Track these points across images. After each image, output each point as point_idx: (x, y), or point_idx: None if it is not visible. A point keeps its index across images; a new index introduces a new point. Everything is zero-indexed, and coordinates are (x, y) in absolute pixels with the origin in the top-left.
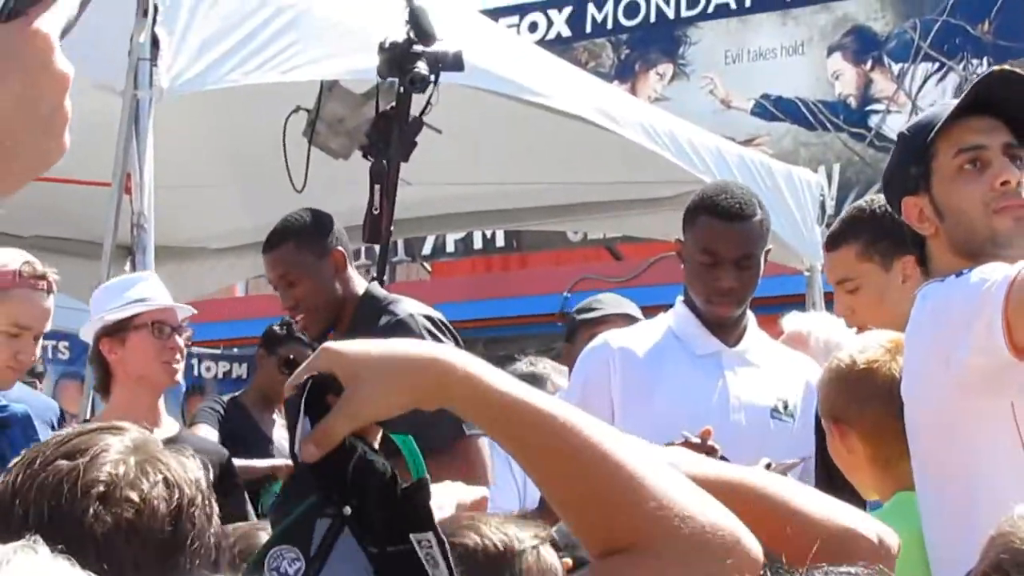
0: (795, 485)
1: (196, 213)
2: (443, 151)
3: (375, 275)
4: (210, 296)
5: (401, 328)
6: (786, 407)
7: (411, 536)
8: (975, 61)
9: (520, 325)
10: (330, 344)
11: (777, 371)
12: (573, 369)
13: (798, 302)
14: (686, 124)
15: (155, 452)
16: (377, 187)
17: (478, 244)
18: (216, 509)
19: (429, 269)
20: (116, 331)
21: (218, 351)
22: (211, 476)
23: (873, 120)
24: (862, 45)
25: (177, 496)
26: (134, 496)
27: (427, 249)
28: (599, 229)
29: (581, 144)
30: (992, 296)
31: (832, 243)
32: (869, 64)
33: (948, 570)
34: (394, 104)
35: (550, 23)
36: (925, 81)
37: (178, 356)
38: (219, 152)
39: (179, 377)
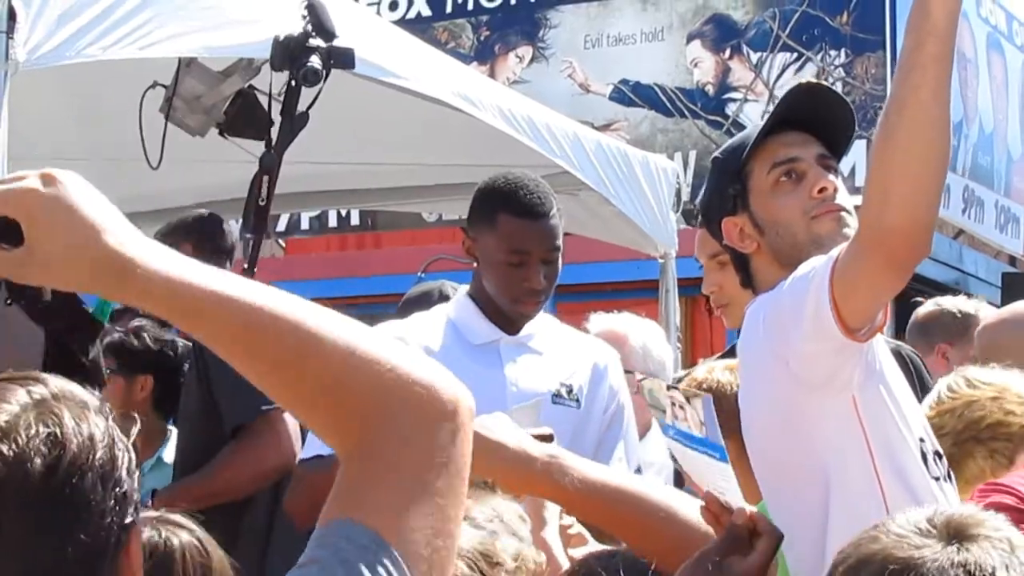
0: (671, 490)
1: None
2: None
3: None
4: None
5: None
6: (570, 391)
7: None
8: (832, 52)
9: (374, 304)
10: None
11: (561, 356)
12: None
13: (652, 288)
14: (544, 108)
15: (54, 407)
16: (266, 178)
17: (333, 222)
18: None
19: (283, 246)
20: None
21: None
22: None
23: (731, 108)
24: (721, 33)
25: (58, 453)
26: (4, 450)
27: (281, 226)
28: (455, 211)
29: (438, 126)
30: (818, 279)
31: None
32: (728, 52)
33: (806, 571)
34: (251, 84)
35: (410, 2)
36: (783, 71)
37: None
38: (76, 126)
39: None
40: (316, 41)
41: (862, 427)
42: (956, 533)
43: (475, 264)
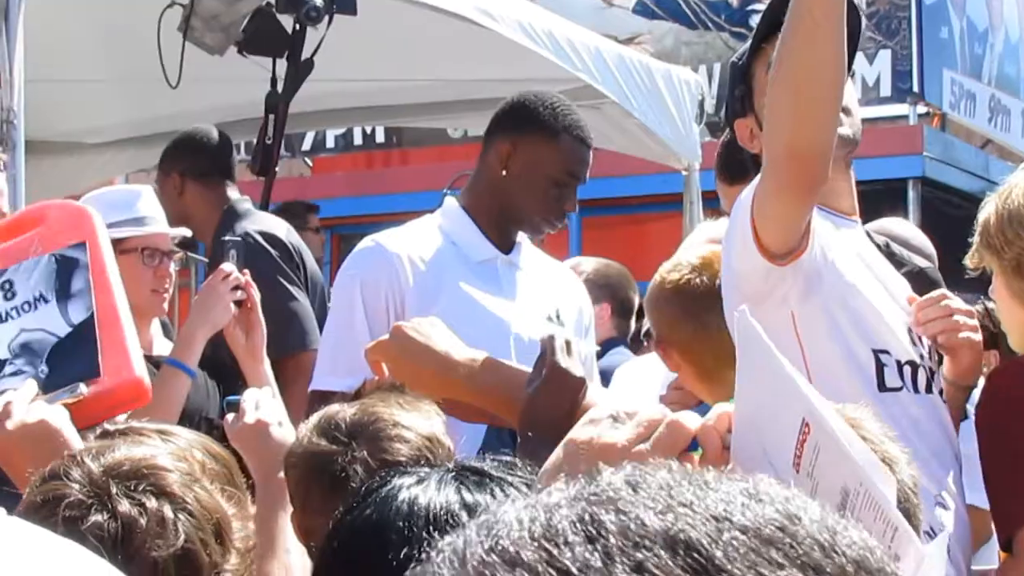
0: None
1: (72, 108)
2: (323, 47)
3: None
4: (88, 190)
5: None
6: (558, 315)
7: None
8: None
9: (401, 220)
10: None
11: (547, 279)
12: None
13: (676, 201)
14: (566, 23)
15: None
16: (272, 117)
17: (358, 140)
18: None
19: (310, 164)
20: None
21: None
22: None
23: (755, 20)
24: None
25: None
26: None
27: (307, 144)
28: (478, 126)
29: (460, 41)
30: (745, 202)
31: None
32: None
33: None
34: (268, 2)
35: None
36: None
37: (167, 284)
38: (95, 47)
39: (165, 306)
40: None
41: (799, 341)
42: None
43: (503, 172)
